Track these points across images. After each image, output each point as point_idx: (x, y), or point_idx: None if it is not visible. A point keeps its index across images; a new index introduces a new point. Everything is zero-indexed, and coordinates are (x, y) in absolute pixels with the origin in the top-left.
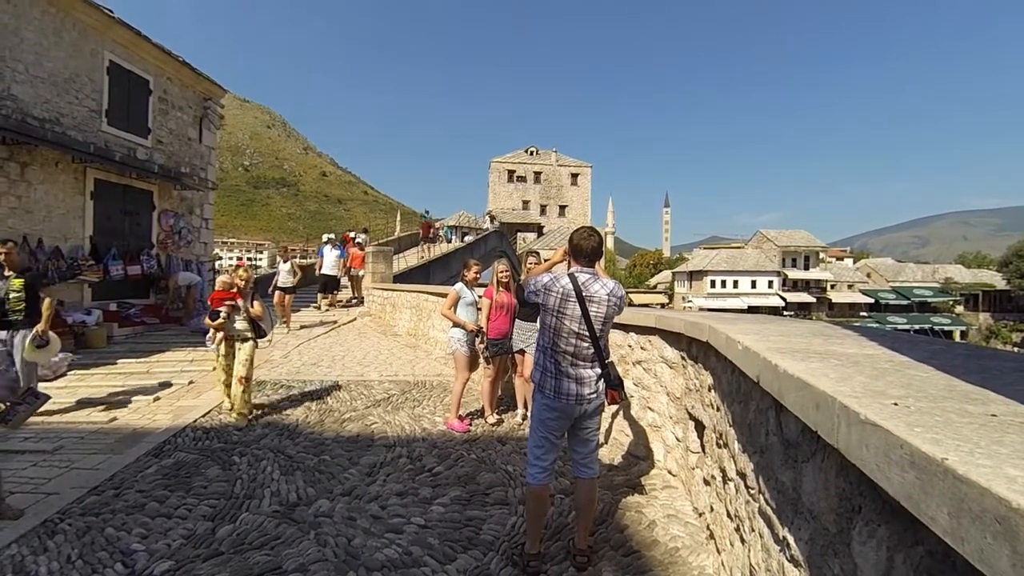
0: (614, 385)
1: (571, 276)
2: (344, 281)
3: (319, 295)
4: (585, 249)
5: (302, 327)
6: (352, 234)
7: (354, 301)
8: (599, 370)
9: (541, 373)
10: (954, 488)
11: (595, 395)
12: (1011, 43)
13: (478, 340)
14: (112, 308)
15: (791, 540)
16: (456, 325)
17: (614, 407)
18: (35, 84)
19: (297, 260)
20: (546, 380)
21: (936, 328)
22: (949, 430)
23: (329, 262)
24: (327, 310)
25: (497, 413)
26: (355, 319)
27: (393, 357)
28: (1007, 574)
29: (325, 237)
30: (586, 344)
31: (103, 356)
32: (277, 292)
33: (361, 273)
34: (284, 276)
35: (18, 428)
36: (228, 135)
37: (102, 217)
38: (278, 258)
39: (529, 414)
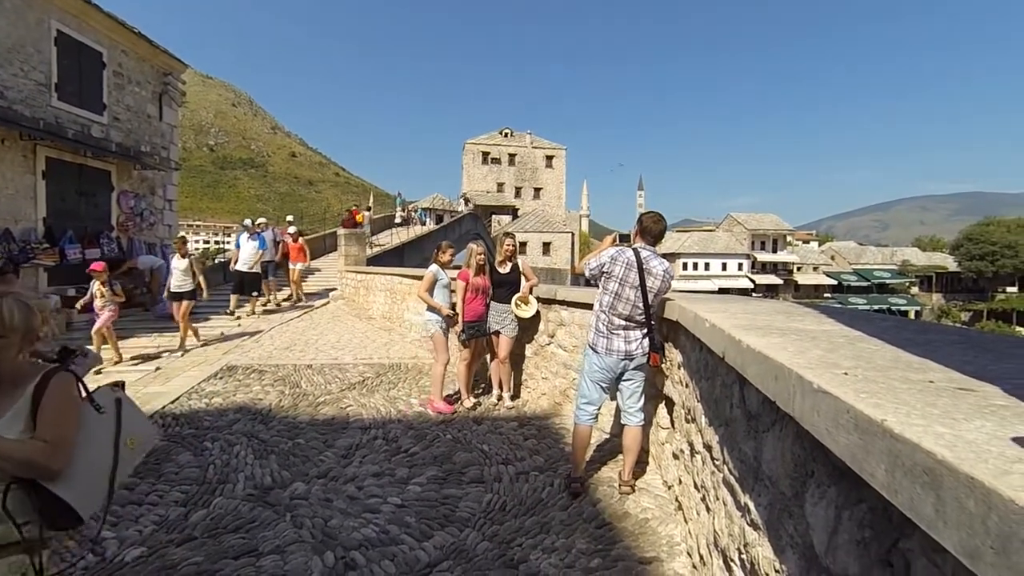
0: (656, 348)
1: (635, 250)
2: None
3: (232, 297)
4: (653, 231)
5: (206, 344)
6: (290, 219)
7: (287, 302)
8: (645, 331)
9: (594, 334)
10: (891, 446)
11: (639, 352)
12: (968, 33)
13: (448, 324)
14: (71, 293)
15: (752, 506)
16: (431, 308)
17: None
18: None
19: (197, 256)
20: (598, 339)
21: (893, 308)
22: (891, 395)
23: (245, 255)
24: (250, 316)
25: (473, 395)
26: (288, 323)
27: (368, 340)
28: (931, 518)
29: (246, 223)
30: (640, 310)
31: (63, 343)
32: (172, 301)
33: (299, 267)
34: (178, 277)
35: None
36: (191, 113)
37: (56, 198)
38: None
39: (581, 368)
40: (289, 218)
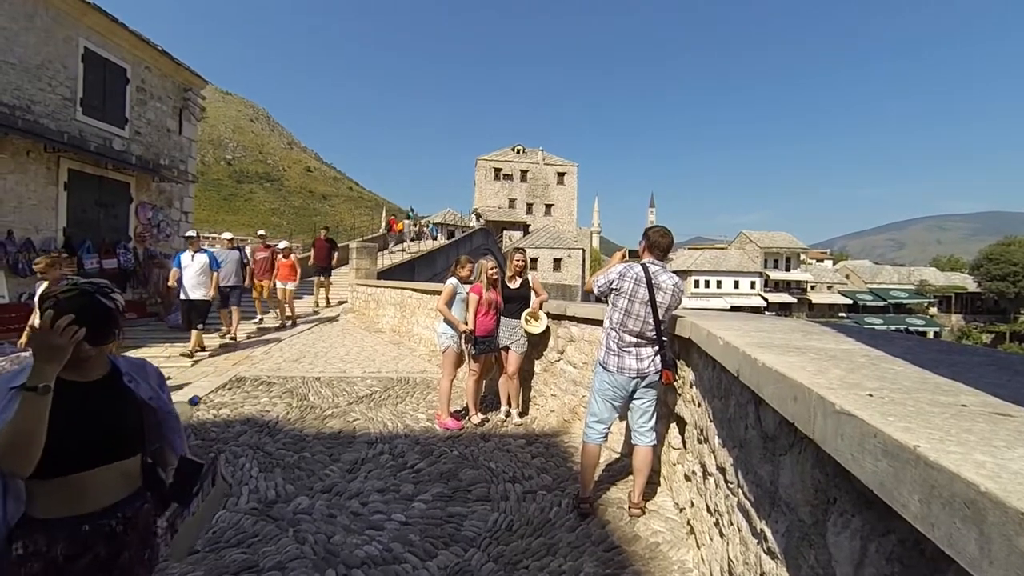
0: (669, 365)
1: (643, 265)
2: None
3: (194, 334)
4: (661, 245)
5: None
6: (262, 233)
7: (283, 323)
8: (656, 348)
9: (605, 352)
10: (925, 475)
11: (651, 370)
12: (986, 52)
13: (463, 340)
14: None
15: (768, 533)
16: (448, 321)
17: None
18: (4, 70)
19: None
20: (609, 358)
21: (911, 329)
22: (921, 419)
23: (191, 277)
24: (184, 354)
25: (481, 411)
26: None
27: (376, 354)
28: (973, 556)
29: (189, 234)
30: (651, 326)
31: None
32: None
33: (290, 286)
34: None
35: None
36: (210, 128)
37: (76, 209)
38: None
39: (591, 387)
40: (260, 232)
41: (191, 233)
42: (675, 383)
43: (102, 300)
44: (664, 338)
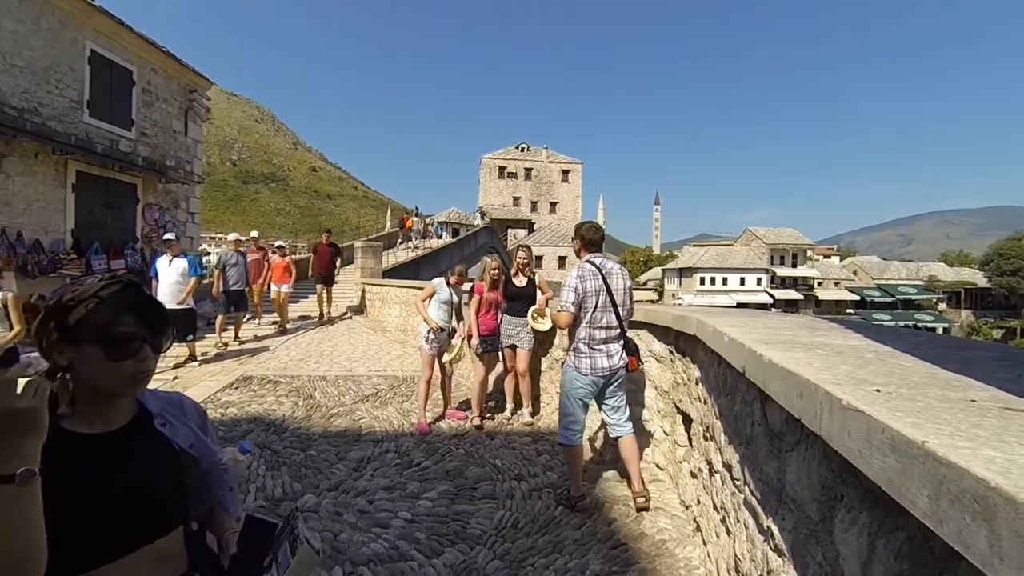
0: (632, 352)
1: (588, 261)
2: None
3: (186, 344)
4: (596, 240)
5: None
6: (255, 235)
7: (282, 327)
8: (621, 341)
9: (576, 355)
10: (934, 470)
11: (620, 364)
12: (990, 50)
13: (473, 339)
14: None
15: (775, 530)
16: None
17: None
18: (12, 73)
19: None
20: (581, 360)
21: (920, 325)
22: (930, 415)
23: (167, 286)
24: (189, 362)
25: (487, 410)
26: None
27: (382, 352)
28: (984, 554)
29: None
30: (613, 316)
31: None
32: None
33: (284, 289)
34: None
35: None
36: (216, 129)
37: (84, 210)
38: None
39: (559, 388)
40: (254, 234)
41: (169, 236)
42: (640, 369)
43: (147, 291)
44: (624, 323)
